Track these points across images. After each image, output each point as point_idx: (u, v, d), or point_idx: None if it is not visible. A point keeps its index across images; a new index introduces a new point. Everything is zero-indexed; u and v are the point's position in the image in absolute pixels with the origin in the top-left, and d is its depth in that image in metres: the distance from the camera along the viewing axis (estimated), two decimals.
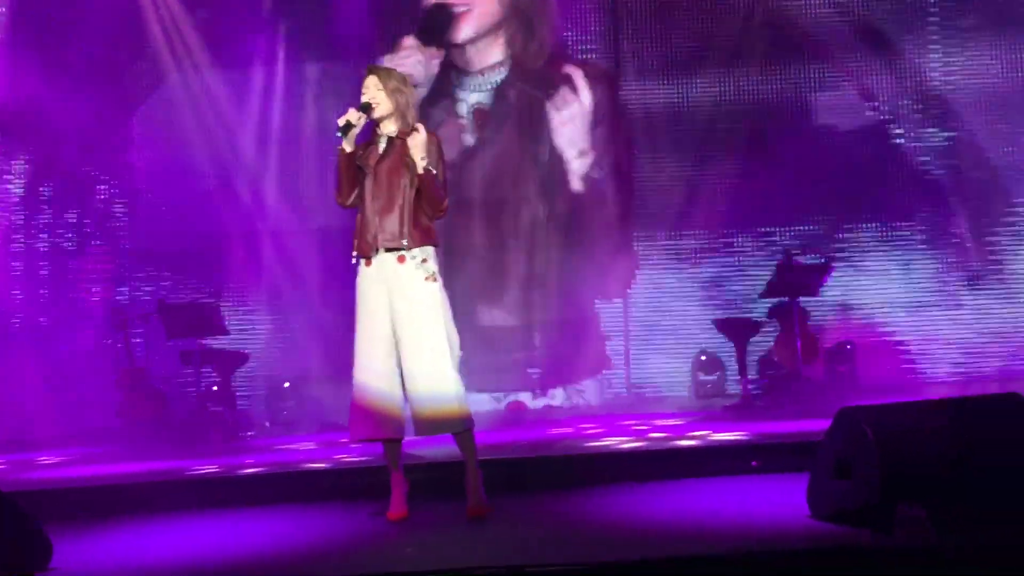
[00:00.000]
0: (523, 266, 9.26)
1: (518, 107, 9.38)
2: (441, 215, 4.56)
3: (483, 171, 9.33)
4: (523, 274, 9.27)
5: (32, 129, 8.89)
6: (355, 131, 4.47)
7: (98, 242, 9.35)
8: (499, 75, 9.44)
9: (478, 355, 8.92)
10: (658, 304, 9.26)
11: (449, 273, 5.44)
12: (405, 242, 4.46)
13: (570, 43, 9.49)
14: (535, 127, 9.31)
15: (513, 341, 9.17)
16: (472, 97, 9.45)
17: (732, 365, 8.80)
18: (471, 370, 5.84)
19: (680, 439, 6.35)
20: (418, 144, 4.45)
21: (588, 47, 9.49)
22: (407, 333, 4.48)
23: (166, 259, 9.23)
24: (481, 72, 9.46)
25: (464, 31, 9.37)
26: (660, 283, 9.25)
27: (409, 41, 9.33)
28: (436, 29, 9.34)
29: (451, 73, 9.42)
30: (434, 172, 4.48)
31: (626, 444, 6.25)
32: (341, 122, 4.44)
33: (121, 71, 9.20)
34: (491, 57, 9.46)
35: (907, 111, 9.13)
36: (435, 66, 9.33)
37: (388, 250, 4.47)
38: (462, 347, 4.58)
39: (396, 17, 9.44)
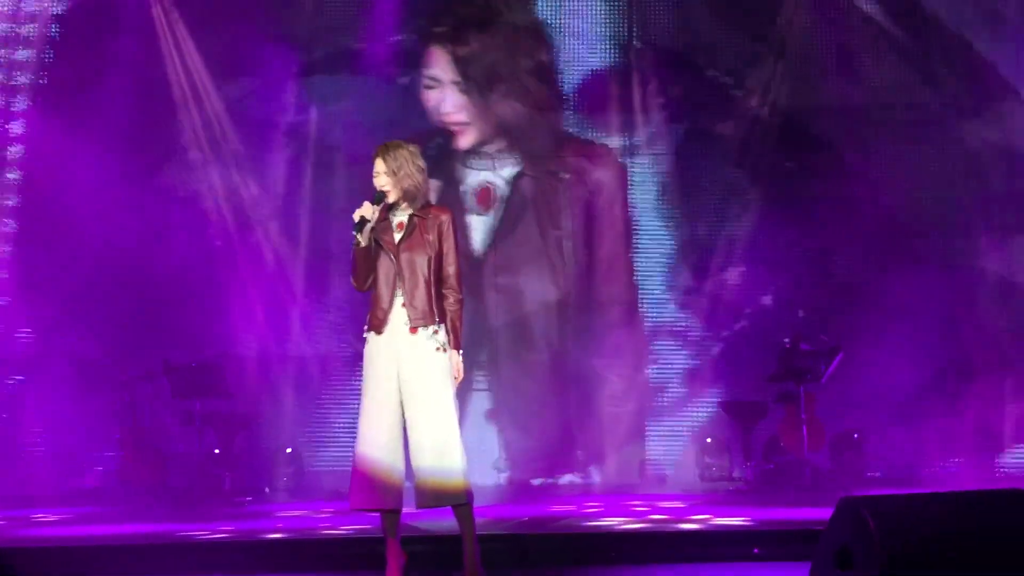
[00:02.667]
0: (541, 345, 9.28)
1: (530, 191, 9.45)
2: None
3: (499, 255, 9.38)
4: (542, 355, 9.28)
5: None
6: (370, 225, 4.52)
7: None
8: (507, 158, 9.52)
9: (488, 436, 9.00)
10: (666, 385, 9.24)
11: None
12: (437, 318, 4.51)
13: (576, 126, 9.61)
14: (548, 210, 9.38)
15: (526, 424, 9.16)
16: (474, 176, 9.52)
17: (738, 448, 8.76)
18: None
19: (682, 522, 6.30)
20: (455, 366, 4.53)
21: (595, 129, 9.59)
22: (415, 403, 4.48)
23: (170, 320, 9.25)
24: (488, 154, 9.54)
25: (462, 143, 9.50)
26: (669, 363, 9.24)
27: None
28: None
29: (439, 142, 9.45)
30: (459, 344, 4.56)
31: (628, 525, 6.19)
32: (356, 217, 4.49)
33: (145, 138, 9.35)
34: (495, 144, 9.57)
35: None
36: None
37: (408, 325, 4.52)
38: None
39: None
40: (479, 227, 9.48)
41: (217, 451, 8.54)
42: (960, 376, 8.76)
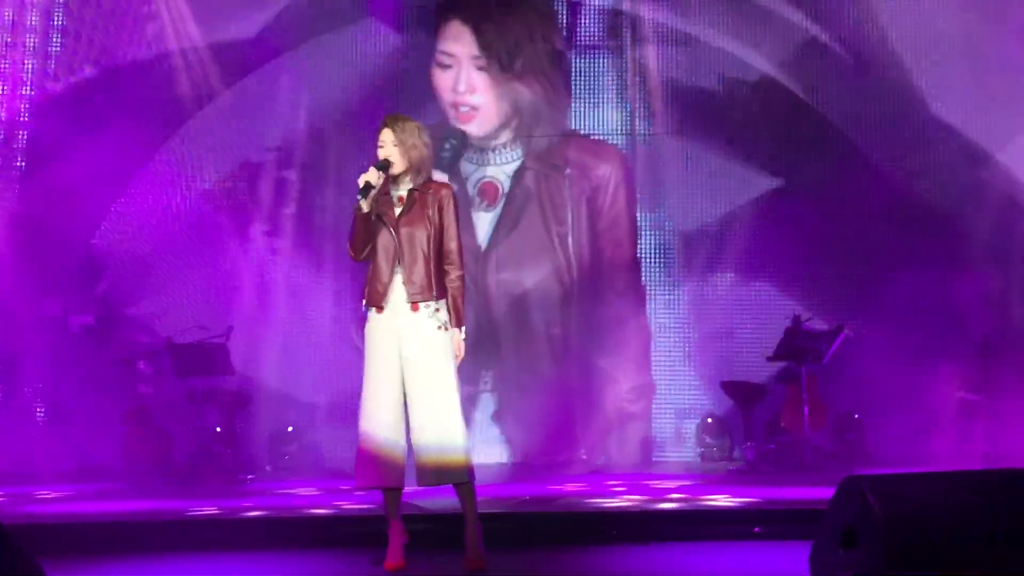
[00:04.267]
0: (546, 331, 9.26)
1: (534, 186, 9.35)
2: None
3: (502, 250, 9.31)
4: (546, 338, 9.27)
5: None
6: (375, 191, 4.50)
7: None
8: (510, 153, 9.43)
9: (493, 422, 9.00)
10: (667, 364, 9.24)
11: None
12: (435, 294, 4.49)
13: (582, 121, 9.52)
14: (552, 205, 9.31)
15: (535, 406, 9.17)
16: (478, 171, 9.44)
17: (739, 428, 8.76)
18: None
19: (682, 502, 6.30)
20: (456, 344, 4.53)
21: (601, 125, 9.51)
22: (417, 381, 4.48)
23: (175, 299, 9.25)
24: (491, 148, 9.45)
25: (472, 129, 9.37)
26: (669, 344, 9.23)
27: None
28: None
29: (453, 143, 9.33)
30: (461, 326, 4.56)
31: (628, 504, 6.20)
32: (361, 182, 4.47)
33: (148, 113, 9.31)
34: (500, 137, 9.46)
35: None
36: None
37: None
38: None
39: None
40: (482, 223, 9.39)
41: (219, 429, 8.55)
42: (963, 356, 8.74)
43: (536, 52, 9.39)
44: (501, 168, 9.46)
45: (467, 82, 9.33)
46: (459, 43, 9.36)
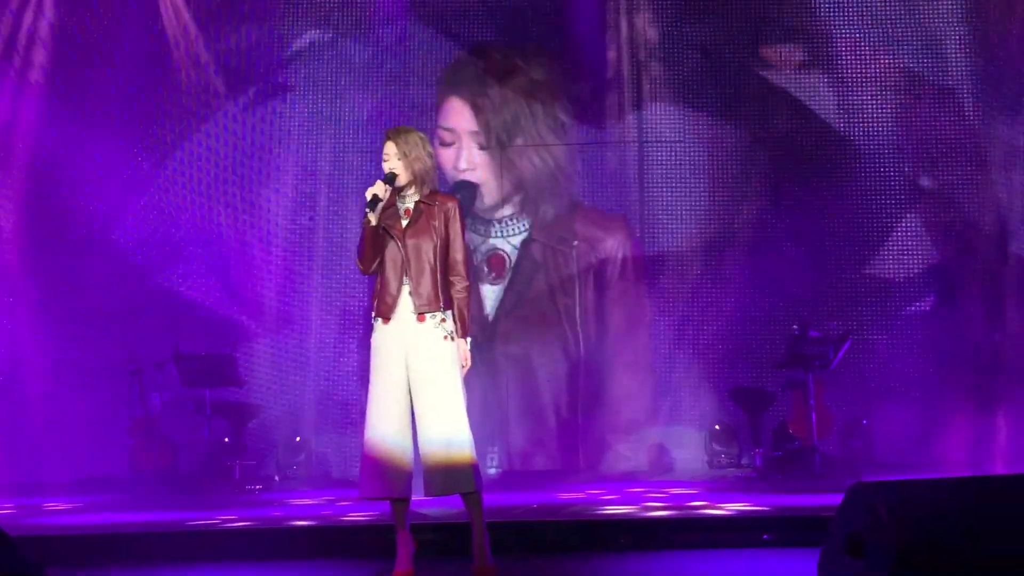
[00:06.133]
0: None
1: (542, 259, 9.32)
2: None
3: (509, 323, 9.26)
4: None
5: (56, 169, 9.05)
6: (382, 204, 4.52)
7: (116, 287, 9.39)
8: (516, 224, 9.39)
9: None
10: (675, 371, 9.21)
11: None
12: (441, 304, 4.51)
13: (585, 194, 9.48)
14: (559, 278, 9.27)
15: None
16: (484, 243, 9.37)
17: (747, 435, 8.74)
18: None
19: (690, 509, 6.29)
20: (462, 354, 4.54)
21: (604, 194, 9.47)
22: (423, 390, 4.48)
23: (182, 310, 9.26)
24: (498, 220, 9.41)
25: (477, 203, 9.33)
26: (677, 351, 9.21)
27: None
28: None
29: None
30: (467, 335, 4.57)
31: (636, 512, 6.18)
32: (368, 195, 4.49)
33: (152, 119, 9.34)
34: (506, 209, 9.43)
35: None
36: None
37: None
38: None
39: None
40: (489, 294, 9.34)
41: (227, 439, 8.55)
42: (970, 363, 8.72)
43: (536, 124, 9.37)
44: (507, 240, 9.42)
45: (468, 159, 9.33)
46: (458, 119, 9.37)
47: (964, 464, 8.06)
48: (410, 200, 4.62)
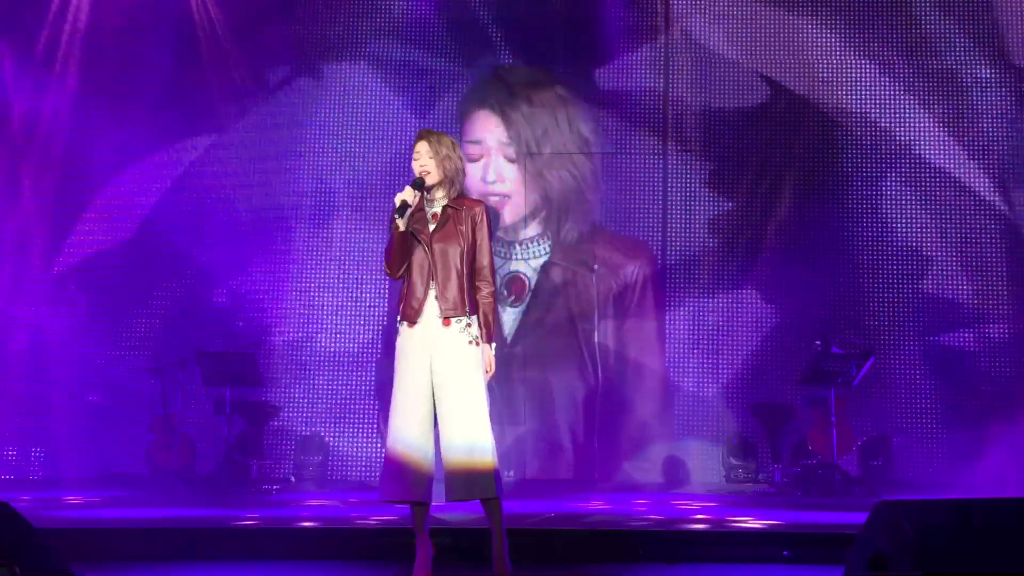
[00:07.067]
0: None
1: (562, 283, 9.27)
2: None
3: (528, 346, 9.20)
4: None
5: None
6: (411, 210, 4.52)
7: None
8: (537, 248, 9.35)
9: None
10: (694, 385, 9.18)
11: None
12: (467, 309, 4.51)
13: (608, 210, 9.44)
14: (579, 302, 9.21)
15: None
16: (504, 265, 9.30)
17: (766, 450, 8.70)
18: None
19: (709, 522, 6.26)
20: (487, 359, 4.54)
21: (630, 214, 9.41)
22: (447, 395, 4.48)
23: (204, 308, 9.30)
24: (518, 242, 9.37)
25: (498, 224, 9.27)
26: (697, 364, 9.17)
27: None
28: None
29: None
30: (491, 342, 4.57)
31: (654, 524, 6.16)
32: (397, 201, 4.49)
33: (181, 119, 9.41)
34: (528, 230, 9.40)
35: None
36: None
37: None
38: None
39: None
40: (508, 317, 9.28)
41: (245, 439, 8.57)
42: (992, 382, 8.66)
43: (563, 139, 9.37)
44: (528, 263, 9.37)
45: (496, 171, 9.32)
46: (486, 131, 9.36)
47: (987, 485, 8.01)
48: (438, 204, 4.63)
